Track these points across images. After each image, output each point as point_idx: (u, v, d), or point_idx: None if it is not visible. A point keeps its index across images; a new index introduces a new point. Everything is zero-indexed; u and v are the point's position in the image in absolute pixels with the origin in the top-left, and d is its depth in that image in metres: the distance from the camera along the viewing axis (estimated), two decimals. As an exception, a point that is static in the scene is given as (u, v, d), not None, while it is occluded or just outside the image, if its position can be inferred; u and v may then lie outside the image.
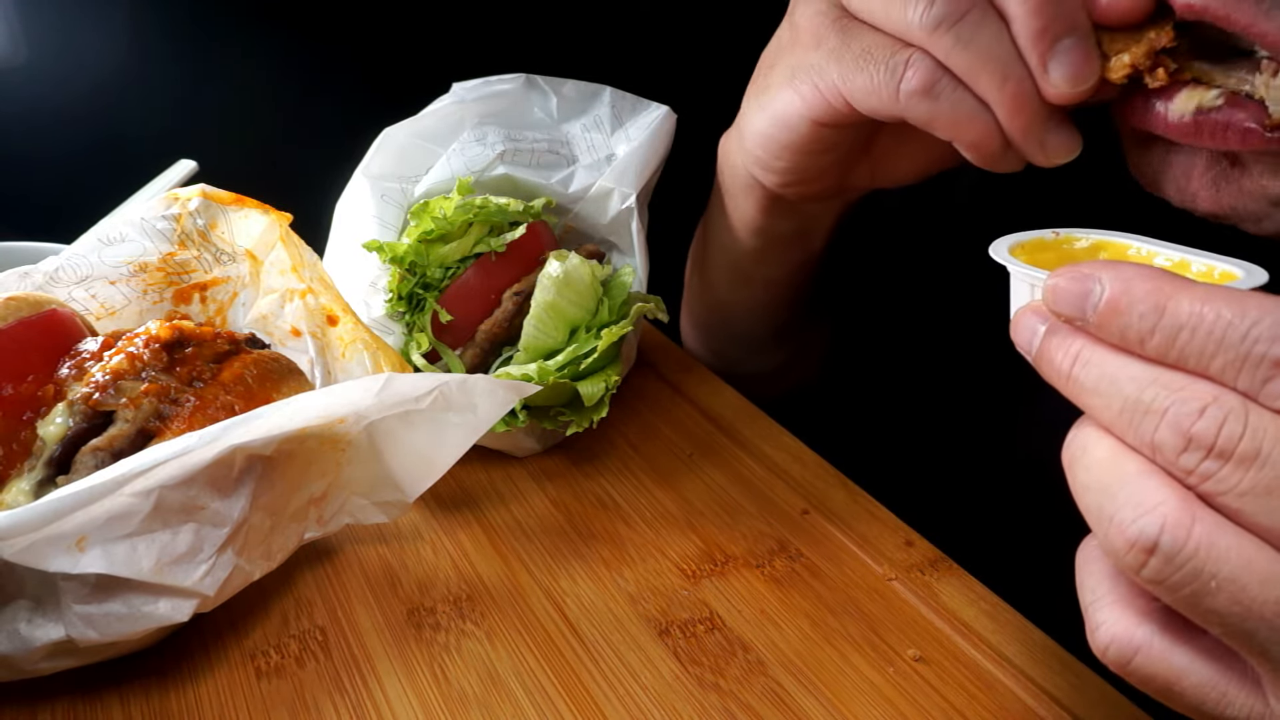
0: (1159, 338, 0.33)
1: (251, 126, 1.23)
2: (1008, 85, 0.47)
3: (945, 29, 0.47)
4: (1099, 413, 0.34)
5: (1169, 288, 0.33)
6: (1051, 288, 0.36)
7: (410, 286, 0.65)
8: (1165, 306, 0.33)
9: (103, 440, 0.49)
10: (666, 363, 0.80)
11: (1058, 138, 0.48)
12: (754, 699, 0.50)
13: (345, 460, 0.55)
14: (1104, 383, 0.34)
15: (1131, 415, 0.33)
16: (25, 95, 1.12)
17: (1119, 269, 0.34)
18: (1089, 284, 0.34)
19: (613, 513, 0.64)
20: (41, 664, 0.47)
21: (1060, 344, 0.36)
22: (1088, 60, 0.45)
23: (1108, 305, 0.34)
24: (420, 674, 0.52)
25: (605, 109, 0.76)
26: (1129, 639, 0.35)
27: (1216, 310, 0.32)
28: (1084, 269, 0.35)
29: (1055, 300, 0.35)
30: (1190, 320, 0.32)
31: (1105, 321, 0.34)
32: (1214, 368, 0.32)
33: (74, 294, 0.59)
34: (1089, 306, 0.34)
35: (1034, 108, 0.47)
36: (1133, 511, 0.32)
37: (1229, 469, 0.31)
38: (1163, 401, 0.32)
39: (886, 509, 0.63)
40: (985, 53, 0.47)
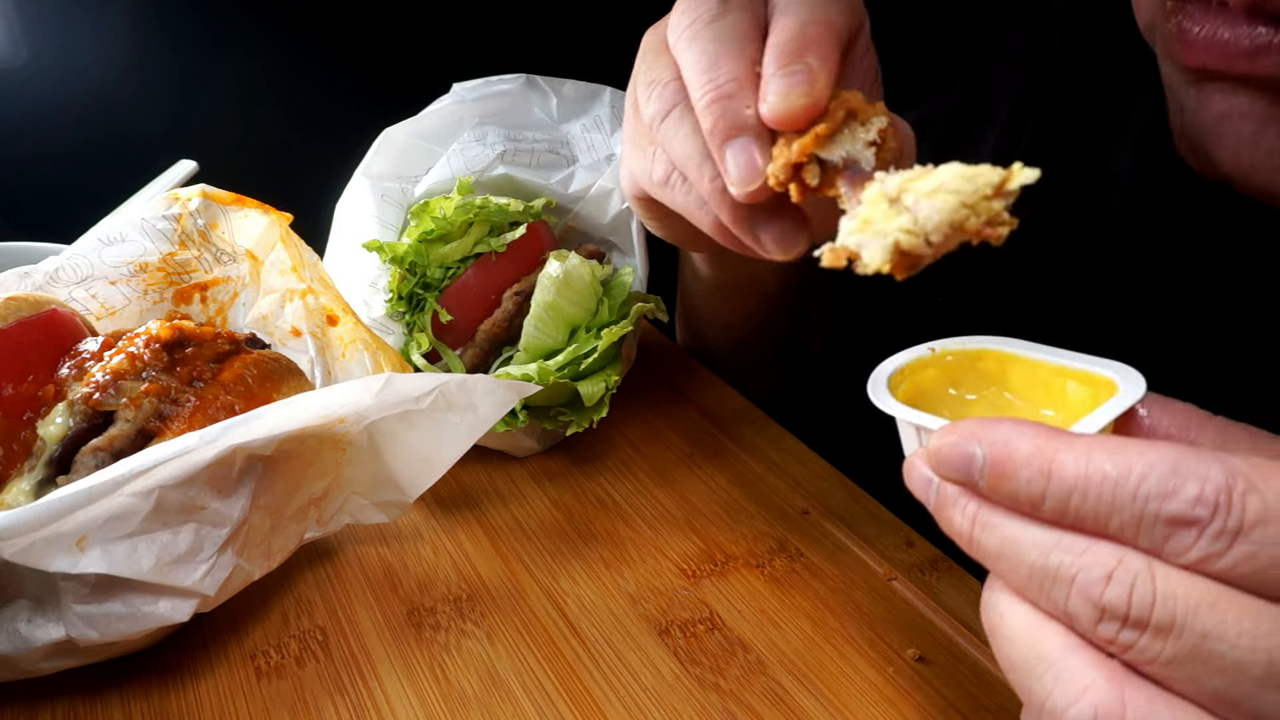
0: (1051, 503, 0.32)
1: (251, 126, 1.23)
2: (704, 182, 0.47)
3: (656, 128, 0.49)
4: (1007, 577, 0.34)
5: (1049, 448, 0.32)
6: (934, 452, 0.35)
7: (410, 286, 0.65)
8: (1050, 470, 0.32)
9: (103, 440, 0.49)
10: (666, 363, 0.80)
11: (769, 232, 0.47)
12: (754, 699, 0.50)
13: (345, 460, 0.55)
14: (1006, 547, 0.33)
15: (1040, 582, 0.32)
16: (25, 95, 1.12)
17: (994, 430, 0.34)
18: (969, 448, 0.34)
19: (613, 513, 0.64)
20: (42, 664, 0.47)
21: (955, 504, 0.35)
22: (750, 163, 0.44)
23: (993, 471, 0.33)
24: (420, 674, 0.52)
25: (605, 109, 0.76)
26: None
27: (1101, 470, 0.31)
28: (961, 432, 0.34)
29: (940, 466, 0.35)
30: (1078, 484, 0.32)
31: (994, 487, 0.33)
32: (1112, 528, 0.31)
33: (74, 294, 0.59)
34: (974, 471, 0.34)
35: (734, 205, 0.47)
36: (1064, 698, 0.31)
37: (1148, 639, 0.30)
38: (1068, 568, 0.32)
39: (886, 509, 0.63)
40: (683, 152, 0.47)
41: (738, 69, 0.45)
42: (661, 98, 0.48)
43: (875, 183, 0.38)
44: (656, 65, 0.50)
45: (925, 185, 0.36)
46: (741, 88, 0.45)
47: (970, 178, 0.36)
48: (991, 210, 0.36)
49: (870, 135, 0.42)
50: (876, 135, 0.42)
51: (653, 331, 0.83)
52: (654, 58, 0.50)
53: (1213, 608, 0.30)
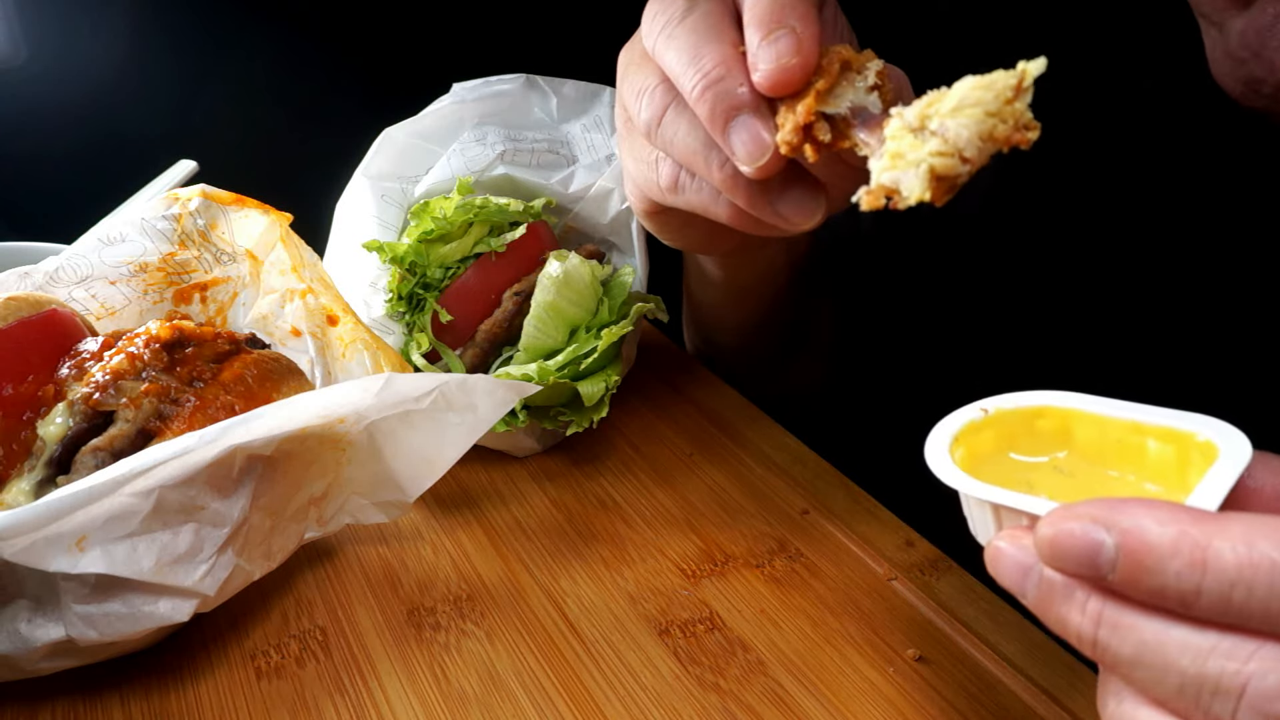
0: (1208, 599, 0.28)
1: (251, 126, 1.23)
2: (714, 171, 0.47)
3: (654, 133, 0.49)
4: (1148, 687, 0.29)
5: (1198, 533, 0.28)
6: (1048, 542, 0.30)
7: (410, 286, 0.65)
8: (1204, 560, 0.28)
9: (103, 440, 0.49)
10: (666, 363, 0.80)
11: (789, 204, 0.47)
12: (754, 699, 0.50)
13: (345, 460, 0.55)
14: (1148, 654, 0.29)
15: (1198, 694, 0.28)
16: (25, 95, 1.12)
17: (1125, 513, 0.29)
18: (1095, 535, 0.29)
19: (613, 513, 0.64)
20: (42, 664, 0.47)
21: (1071, 601, 0.30)
22: (757, 138, 0.44)
23: (1131, 563, 0.29)
24: (420, 674, 0.52)
25: (605, 109, 0.76)
26: None
27: (1269, 556, 0.27)
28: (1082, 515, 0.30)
29: (1055, 558, 0.30)
30: (1241, 574, 0.27)
31: (1131, 580, 0.29)
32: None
33: (74, 294, 0.59)
34: (1103, 563, 0.29)
35: (748, 185, 0.47)
36: None
37: None
38: (1233, 676, 0.27)
39: (886, 509, 0.63)
40: (688, 148, 0.48)
41: (721, 53, 0.45)
42: (653, 102, 0.49)
43: (894, 118, 0.38)
44: (640, 74, 0.50)
45: (946, 105, 0.36)
46: (729, 70, 0.45)
47: (988, 85, 0.36)
48: (1016, 113, 0.36)
49: (869, 80, 0.43)
50: (875, 78, 0.43)
51: (653, 331, 0.83)
52: (635, 69, 0.50)
53: None
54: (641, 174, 0.53)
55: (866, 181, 0.39)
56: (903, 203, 0.37)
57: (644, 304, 0.69)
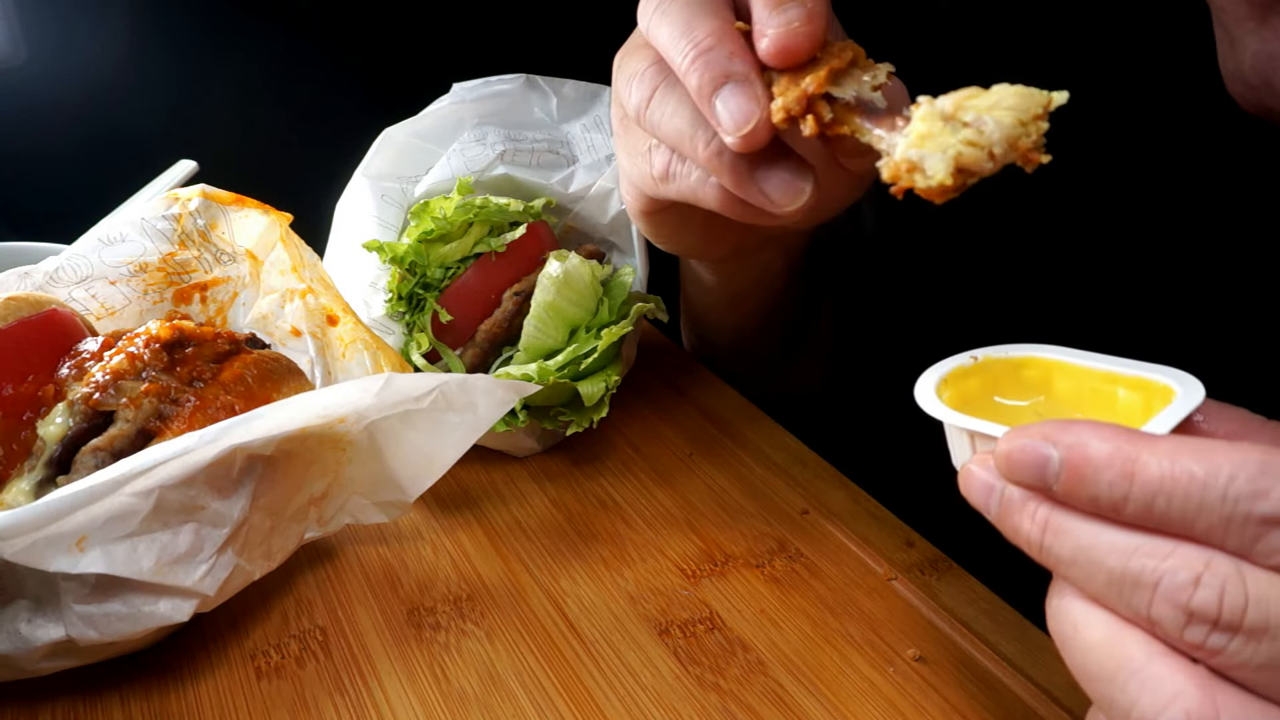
0: (1134, 506, 0.31)
1: (251, 126, 1.23)
2: (699, 151, 0.47)
3: (644, 114, 0.48)
4: (1082, 584, 0.33)
5: (1130, 449, 0.32)
6: (1004, 456, 0.34)
7: (410, 286, 0.65)
8: (1133, 472, 0.31)
9: (103, 440, 0.49)
10: (666, 363, 0.80)
11: (775, 183, 0.46)
12: (754, 699, 0.50)
13: (345, 460, 0.55)
14: (1082, 554, 0.32)
15: (1120, 589, 0.31)
16: (25, 95, 1.12)
17: (1070, 432, 0.33)
18: (1043, 450, 0.33)
19: (613, 513, 0.64)
20: (42, 664, 0.47)
21: (1024, 511, 0.34)
22: (744, 105, 0.44)
23: (1070, 474, 0.32)
24: (420, 674, 0.52)
25: (605, 109, 0.76)
26: None
27: (1188, 470, 0.30)
28: (1032, 434, 0.33)
29: (1010, 470, 0.34)
30: (1162, 485, 0.31)
31: (1072, 490, 0.32)
32: (1198, 530, 0.30)
33: (74, 294, 0.59)
34: (1049, 475, 0.33)
35: (732, 164, 0.46)
36: (1152, 705, 0.30)
37: (1239, 642, 0.29)
38: (1152, 572, 0.31)
39: (886, 509, 0.63)
40: (675, 128, 0.47)
41: (714, 26, 0.45)
42: (643, 83, 0.48)
43: (924, 104, 0.39)
44: (633, 60, 0.50)
45: (984, 102, 0.38)
46: (721, 40, 0.45)
47: (1026, 95, 0.37)
48: (1040, 130, 0.37)
49: (878, 79, 0.43)
50: (885, 78, 0.43)
51: (653, 331, 0.83)
52: (629, 58, 0.50)
53: None
54: (635, 167, 0.53)
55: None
56: (924, 180, 0.38)
57: (644, 304, 0.69)
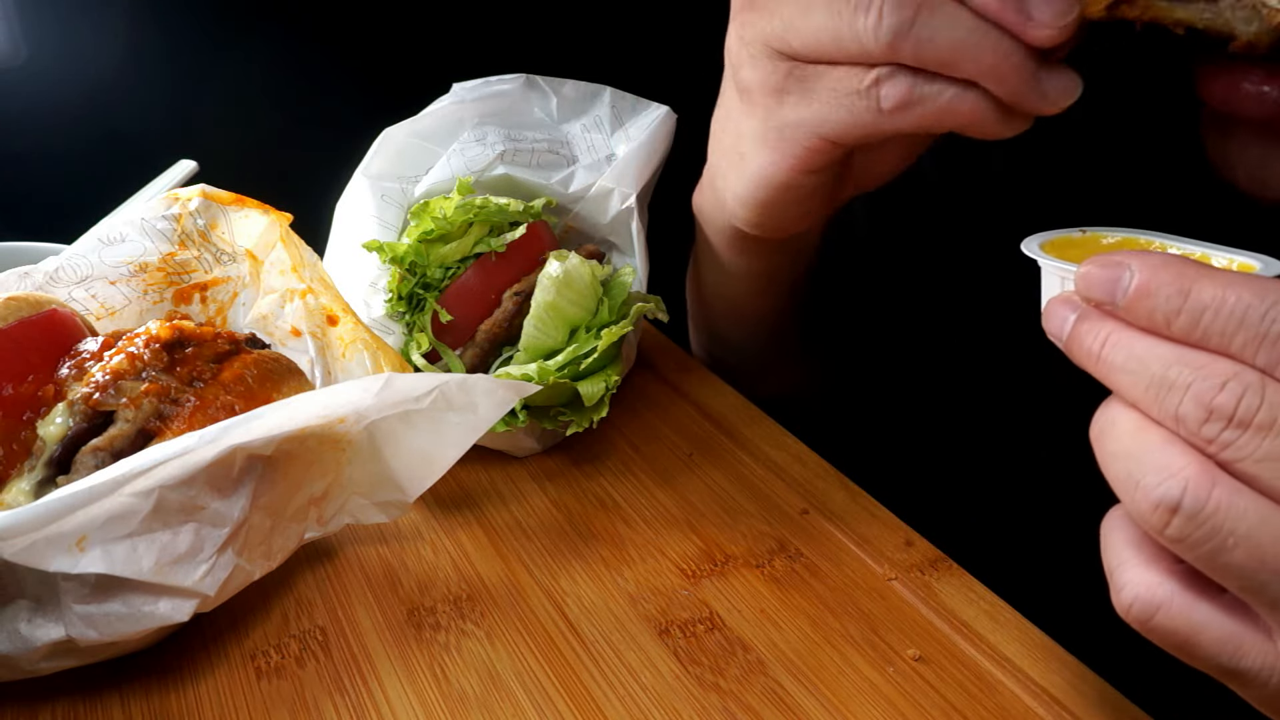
0: (1184, 318, 0.35)
1: (251, 126, 1.23)
2: (986, 58, 0.45)
3: (903, 37, 0.46)
4: (1126, 390, 0.36)
5: (1193, 272, 0.35)
6: (1084, 274, 0.38)
7: (410, 286, 0.65)
8: (1189, 290, 0.35)
9: (103, 440, 0.49)
10: (666, 363, 0.80)
11: (1056, 83, 0.47)
12: (754, 699, 0.50)
13: (345, 460, 0.55)
14: (1132, 362, 0.36)
15: (1158, 391, 0.35)
16: (25, 95, 1.12)
17: (1146, 257, 0.37)
18: (1119, 271, 0.37)
19: (613, 513, 0.64)
20: (42, 664, 0.47)
21: (1090, 328, 0.38)
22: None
23: (1136, 290, 0.36)
24: (420, 674, 0.52)
25: (605, 109, 0.76)
26: (1151, 597, 0.37)
27: (1237, 293, 0.34)
28: (1114, 257, 0.37)
29: (1087, 286, 0.38)
30: (1213, 302, 0.35)
31: (1134, 305, 0.36)
32: (1234, 346, 0.34)
33: (74, 294, 0.59)
34: (1119, 291, 0.37)
35: (1022, 66, 0.46)
36: (1157, 476, 0.35)
37: (1247, 437, 0.33)
38: (1186, 378, 0.35)
39: (886, 509, 0.63)
40: (953, 40, 0.45)
41: None
42: (899, 5, 0.45)
43: None
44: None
45: None
46: None
47: None
48: None
49: None
50: None
51: (653, 331, 0.83)
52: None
53: None
54: (841, 110, 0.50)
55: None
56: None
57: (644, 304, 0.69)
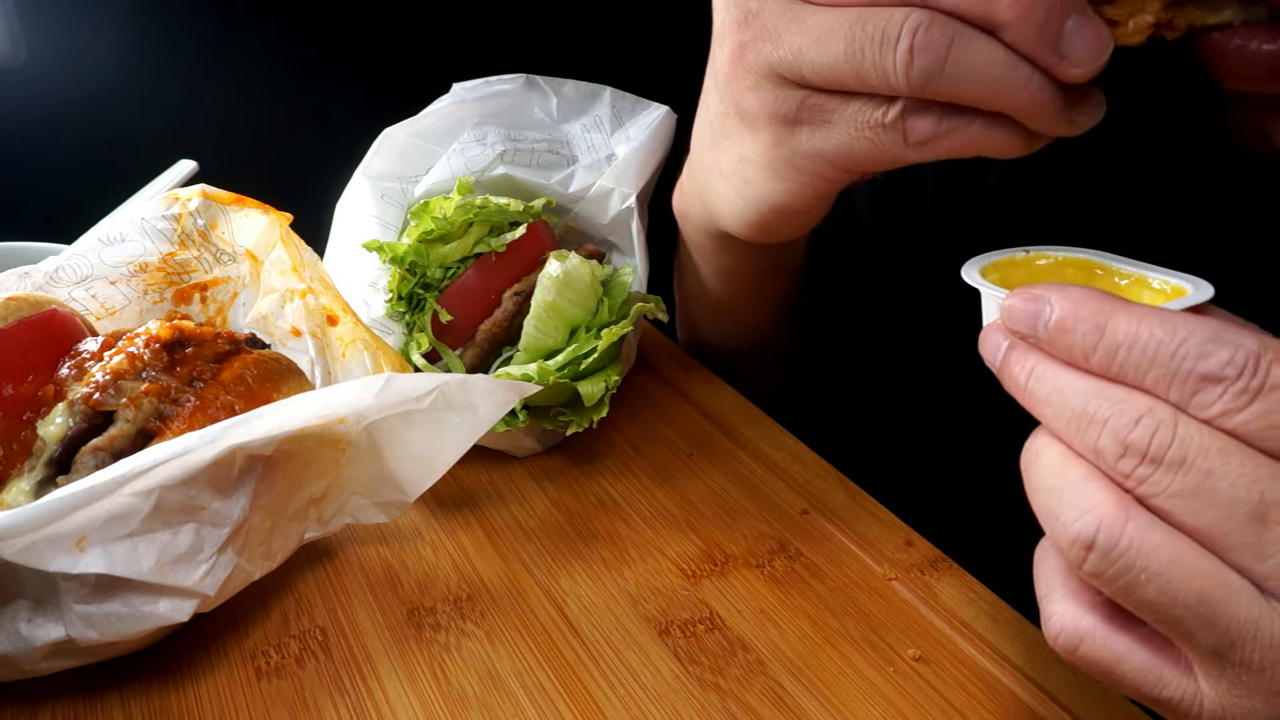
0: (1100, 354, 0.36)
1: (251, 127, 1.23)
2: (1019, 93, 0.45)
3: (936, 76, 0.45)
4: (1050, 422, 0.38)
5: (1109, 308, 0.36)
6: (1008, 308, 0.39)
7: (410, 286, 0.65)
8: (1105, 326, 0.36)
9: (103, 440, 0.49)
10: (666, 363, 0.80)
11: (1084, 110, 0.47)
12: (754, 699, 0.50)
13: (345, 460, 0.55)
14: (1054, 395, 0.37)
15: (1078, 424, 0.36)
16: (25, 96, 1.12)
17: (1066, 291, 0.38)
18: (1040, 305, 0.38)
19: (613, 513, 0.64)
20: (42, 664, 0.47)
21: (1018, 359, 0.39)
22: (1099, 32, 0.44)
23: (1056, 324, 0.37)
24: (420, 674, 0.52)
25: (605, 109, 0.76)
26: (1075, 628, 0.38)
27: (1150, 329, 0.35)
28: (1036, 291, 0.38)
29: (1011, 319, 0.39)
30: (1126, 338, 0.36)
31: (1055, 339, 0.37)
32: (1148, 381, 0.35)
33: (74, 294, 0.59)
34: (1040, 325, 0.38)
35: (1053, 99, 0.45)
36: (1074, 512, 0.36)
37: (1160, 473, 0.35)
38: (1104, 412, 0.36)
39: (886, 509, 0.63)
40: (986, 77, 0.45)
41: None
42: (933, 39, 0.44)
43: None
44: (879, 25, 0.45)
45: None
46: None
47: None
48: None
49: None
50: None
51: (653, 331, 0.83)
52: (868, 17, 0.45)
53: (1220, 453, 0.34)
54: (863, 142, 0.48)
55: None
56: None
57: (644, 304, 0.69)
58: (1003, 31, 0.44)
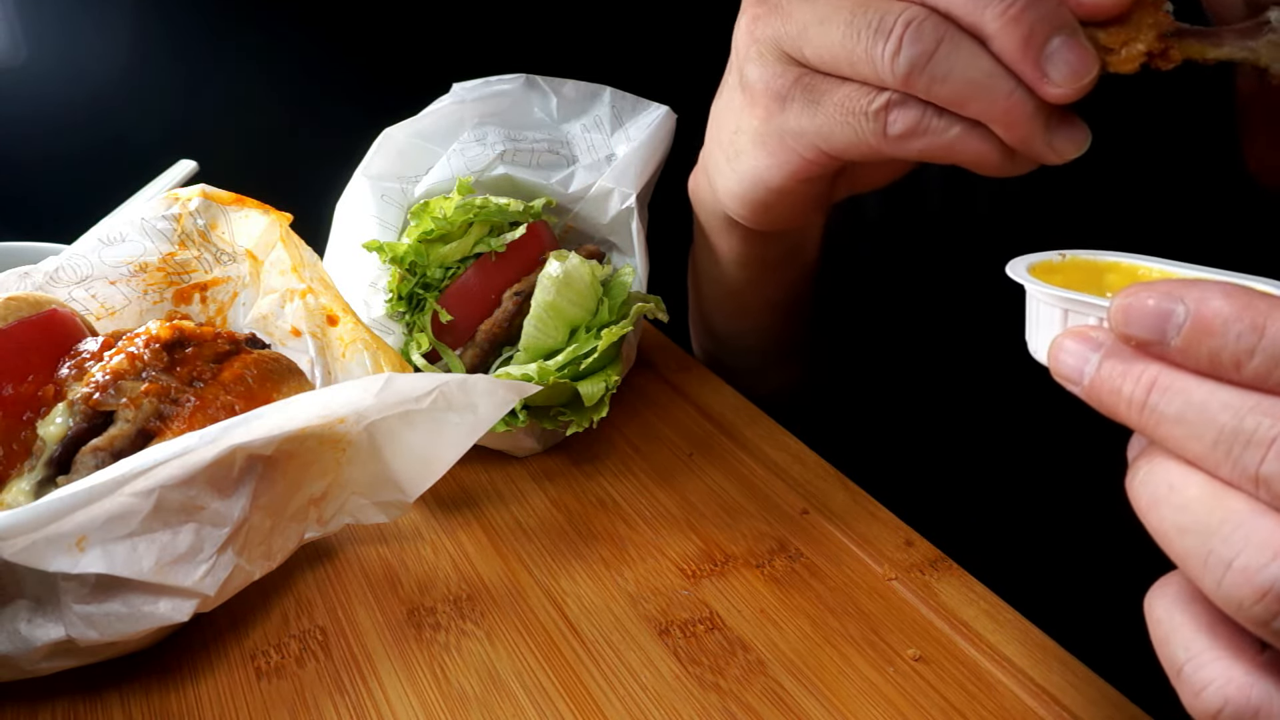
0: (1259, 359, 0.30)
1: (252, 127, 1.23)
2: (998, 103, 0.45)
3: (919, 71, 0.45)
4: (1184, 445, 0.32)
5: (1263, 305, 0.31)
6: (1123, 308, 0.33)
7: (410, 286, 0.65)
8: (1264, 326, 0.30)
9: (103, 440, 0.49)
10: (666, 363, 0.80)
11: (1063, 136, 0.46)
12: (754, 699, 0.50)
13: (345, 460, 0.55)
14: (1191, 411, 0.31)
15: (1230, 446, 0.31)
16: (25, 95, 1.12)
17: (1199, 287, 0.32)
18: (1169, 303, 0.32)
19: (613, 513, 0.64)
20: (42, 664, 0.47)
21: (1127, 370, 0.33)
22: (1083, 55, 0.44)
23: (1195, 325, 0.31)
24: (420, 674, 0.52)
25: (605, 109, 0.76)
26: (1245, 699, 0.32)
27: None
28: (1159, 288, 0.32)
29: (1127, 321, 0.33)
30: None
31: (1192, 344, 0.31)
32: None
33: (74, 294, 0.59)
34: (1171, 328, 0.32)
35: (1031, 116, 0.45)
36: (1260, 555, 0.30)
37: None
38: (1267, 431, 0.30)
39: (886, 509, 0.63)
40: (967, 81, 0.45)
41: None
42: (922, 35, 0.45)
43: None
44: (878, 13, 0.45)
45: None
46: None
47: None
48: None
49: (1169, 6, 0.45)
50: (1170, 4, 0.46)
51: (653, 331, 0.83)
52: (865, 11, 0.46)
53: None
54: (845, 128, 0.49)
55: None
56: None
57: (644, 304, 0.69)
58: (990, 41, 0.45)
